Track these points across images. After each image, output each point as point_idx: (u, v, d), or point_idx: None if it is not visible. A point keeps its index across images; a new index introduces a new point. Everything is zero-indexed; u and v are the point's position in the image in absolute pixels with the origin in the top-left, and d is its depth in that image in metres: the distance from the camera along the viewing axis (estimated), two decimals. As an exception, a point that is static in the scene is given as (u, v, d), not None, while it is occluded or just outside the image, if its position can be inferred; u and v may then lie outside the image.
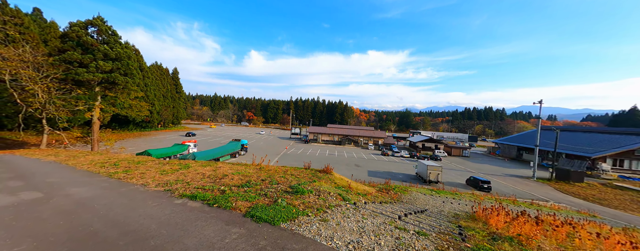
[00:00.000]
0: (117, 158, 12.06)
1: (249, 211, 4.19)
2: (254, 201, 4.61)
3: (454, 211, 7.64)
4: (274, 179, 6.66)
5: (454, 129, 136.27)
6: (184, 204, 4.62)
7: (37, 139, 31.83)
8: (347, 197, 5.44)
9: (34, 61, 22.69)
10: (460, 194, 12.80)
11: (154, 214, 4.08)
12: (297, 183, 6.27)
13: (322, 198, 4.98)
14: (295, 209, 4.30)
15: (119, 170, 8.75)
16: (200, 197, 4.87)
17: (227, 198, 4.84)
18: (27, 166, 10.27)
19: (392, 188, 9.67)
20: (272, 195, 5.13)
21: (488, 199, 12.51)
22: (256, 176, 7.04)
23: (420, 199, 8.77)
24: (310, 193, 5.26)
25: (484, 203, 10.97)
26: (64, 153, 15.54)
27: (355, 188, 7.71)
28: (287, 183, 6.37)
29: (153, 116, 56.64)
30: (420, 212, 5.90)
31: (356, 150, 57.08)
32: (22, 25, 34.44)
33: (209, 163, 10.31)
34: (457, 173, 37.50)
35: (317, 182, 6.56)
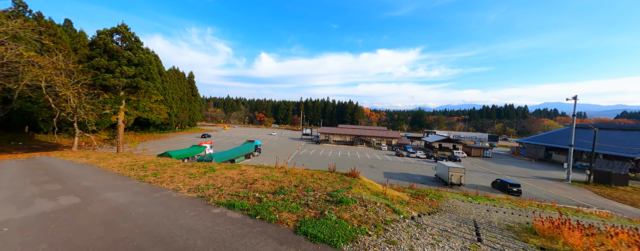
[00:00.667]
0: (144, 160, 12.30)
1: (298, 226, 3.77)
2: (298, 212, 4.22)
3: (503, 222, 6.81)
4: (308, 186, 6.25)
5: (472, 128, 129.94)
6: (223, 214, 4.31)
7: (69, 141, 34.07)
8: (396, 208, 4.89)
9: (66, 68, 24.19)
10: (496, 199, 11.71)
11: (195, 226, 3.79)
12: (333, 190, 5.82)
13: (372, 210, 4.48)
14: (348, 224, 3.80)
15: (148, 173, 8.78)
16: (239, 206, 4.56)
17: (266, 207, 4.49)
18: (63, 168, 10.70)
19: (426, 194, 8.92)
20: (314, 205, 4.71)
21: (530, 206, 11.34)
22: (287, 182, 6.67)
23: (460, 207, 7.98)
24: (354, 203, 4.78)
25: (528, 210, 9.89)
26: (94, 155, 16.24)
27: (391, 195, 7.11)
28: (322, 190, 5.93)
29: (171, 119, 58.98)
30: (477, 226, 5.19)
31: (369, 151, 55.85)
32: (55, 35, 37.09)
33: (233, 166, 10.16)
34: (480, 174, 35.37)
35: (353, 188, 6.06)
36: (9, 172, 10.08)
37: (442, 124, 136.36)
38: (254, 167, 10.24)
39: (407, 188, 14.35)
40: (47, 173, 9.38)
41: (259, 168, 10.12)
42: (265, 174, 8.08)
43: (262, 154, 39.27)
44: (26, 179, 8.40)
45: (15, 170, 10.52)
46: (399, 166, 37.05)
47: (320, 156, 42.28)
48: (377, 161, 40.31)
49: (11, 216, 4.60)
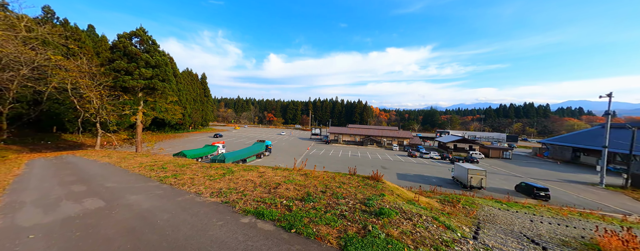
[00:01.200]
0: (163, 161, 12.40)
1: (343, 245, 3.26)
2: (337, 226, 3.76)
3: (555, 235, 5.99)
4: (336, 192, 5.78)
5: (488, 128, 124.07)
6: (253, 225, 3.95)
7: (92, 140, 35.84)
8: (448, 223, 4.30)
9: (89, 71, 25.30)
10: (532, 206, 10.67)
11: (226, 240, 3.43)
12: (365, 198, 5.32)
13: (421, 226, 3.93)
14: (403, 246, 3.15)
15: (168, 174, 8.70)
16: (268, 215, 4.19)
17: (299, 218, 4.07)
18: (87, 168, 10.95)
19: (457, 200, 8.18)
20: (352, 217, 4.21)
21: (571, 214, 10.21)
22: (312, 186, 6.25)
23: (499, 217, 7.19)
24: (395, 215, 4.25)
25: (571, 219, 8.85)
26: (115, 155, 16.72)
27: (424, 202, 6.49)
28: (352, 197, 5.45)
29: (185, 119, 60.77)
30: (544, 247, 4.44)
31: (380, 151, 54.55)
32: (80, 40, 39.13)
33: (251, 168, 9.91)
34: (502, 177, 33.37)
35: (387, 196, 5.52)
36: (39, 171, 10.43)
37: (455, 124, 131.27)
38: (271, 169, 9.94)
39: (429, 192, 13.53)
40: (73, 173, 9.57)
41: (277, 169, 9.79)
42: (286, 178, 7.71)
43: (273, 154, 39.35)
44: (54, 179, 8.57)
45: (44, 169, 10.88)
46: (412, 167, 35.76)
47: (330, 156, 41.74)
48: (389, 162, 39.16)
49: (38, 220, 4.50)
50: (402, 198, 6.16)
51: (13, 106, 29.27)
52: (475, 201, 8.81)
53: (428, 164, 38.96)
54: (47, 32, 21.88)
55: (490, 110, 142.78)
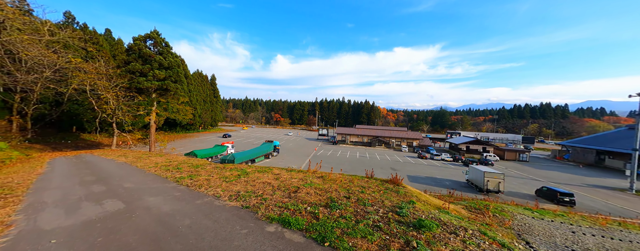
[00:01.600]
0: (177, 161, 12.45)
1: None
2: (375, 240, 3.38)
3: (605, 250, 5.37)
4: (361, 198, 5.41)
5: (501, 129, 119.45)
6: (280, 235, 3.67)
7: (109, 140, 37.15)
8: (501, 239, 3.84)
9: (106, 73, 26.19)
10: (565, 214, 9.84)
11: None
12: (394, 205, 4.93)
13: (471, 242, 3.47)
14: None
15: (183, 175, 8.64)
16: (294, 224, 3.89)
17: (329, 228, 3.74)
18: (105, 167, 11.13)
19: (485, 207, 7.58)
20: (388, 229, 3.81)
21: (610, 224, 9.31)
22: (333, 191, 5.92)
23: (535, 227, 6.58)
24: (437, 227, 3.84)
25: (611, 230, 8.03)
26: (131, 154, 17.07)
27: (452, 210, 6.00)
28: (379, 204, 5.07)
29: (195, 119, 62.09)
30: None
31: (388, 152, 53.48)
32: (98, 43, 40.75)
33: (265, 169, 9.71)
34: (520, 181, 31.78)
35: (417, 203, 5.11)
36: (60, 170, 10.68)
37: (466, 125, 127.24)
38: (286, 171, 9.70)
39: (447, 196, 12.87)
40: (92, 173, 9.70)
41: (291, 171, 9.54)
42: (303, 180, 7.42)
43: (281, 155, 39.34)
44: (74, 178, 8.69)
45: (65, 168, 11.14)
46: (423, 169, 34.69)
47: (338, 157, 41.24)
48: (398, 164, 38.19)
49: (59, 223, 4.42)
50: (431, 205, 5.71)
51: (37, 107, 30.78)
52: (504, 208, 8.17)
53: (440, 166, 37.73)
54: (68, 36, 22.81)
55: (504, 110, 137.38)
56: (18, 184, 7.71)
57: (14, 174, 9.46)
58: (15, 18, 17.17)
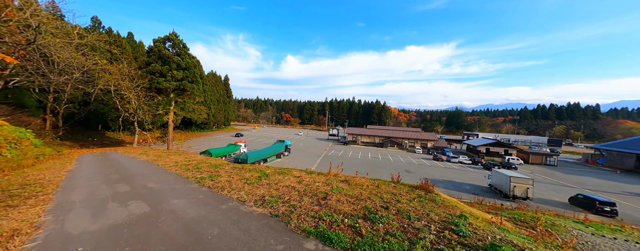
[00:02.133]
0: (196, 160, 12.47)
1: None
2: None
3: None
4: (402, 209, 4.80)
5: (523, 130, 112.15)
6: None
7: (130, 138, 39.01)
8: None
9: (129, 74, 27.37)
10: (619, 228, 8.56)
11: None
12: (443, 219, 4.30)
13: None
14: None
15: (204, 175, 8.49)
16: (336, 240, 3.38)
17: (378, 248, 3.19)
18: (128, 165, 11.34)
19: (532, 219, 6.66)
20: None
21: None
22: (369, 200, 5.35)
23: (599, 245, 5.62)
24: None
25: None
26: (151, 152, 17.54)
27: (496, 221, 5.23)
28: (425, 217, 4.45)
29: (210, 119, 63.86)
30: None
31: (401, 153, 51.71)
32: (121, 46, 42.93)
33: (284, 171, 9.36)
34: (549, 187, 29.33)
35: (469, 218, 4.42)
36: (87, 167, 11.00)
37: (484, 126, 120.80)
38: (306, 173, 9.27)
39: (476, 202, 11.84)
40: (116, 171, 9.85)
41: (312, 174, 9.09)
42: (328, 184, 6.94)
43: (292, 154, 39.21)
44: (100, 177, 8.82)
45: (92, 165, 11.49)
46: (440, 172, 32.98)
47: (349, 157, 40.36)
48: (413, 166, 36.65)
49: (86, 226, 4.25)
50: (482, 220, 4.98)
51: (67, 106, 32.91)
52: (554, 221, 7.17)
53: (458, 170, 35.72)
54: (95, 39, 24.03)
55: (526, 111, 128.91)
56: (49, 181, 7.90)
57: (46, 171, 9.82)
58: (49, 22, 18.23)
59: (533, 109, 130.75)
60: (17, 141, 13.56)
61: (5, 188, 7.00)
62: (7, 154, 11.49)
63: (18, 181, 7.91)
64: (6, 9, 15.59)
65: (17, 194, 6.18)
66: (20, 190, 6.63)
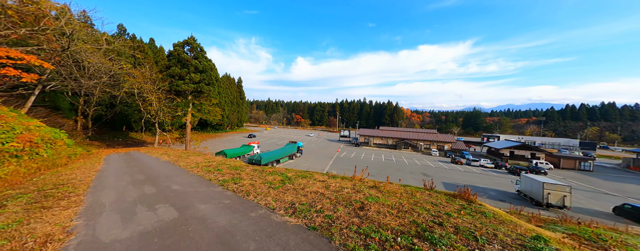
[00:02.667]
0: (215, 161, 12.47)
1: None
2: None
3: None
4: (462, 227, 4.13)
5: (549, 132, 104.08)
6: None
7: (151, 138, 40.85)
8: None
9: (150, 77, 28.63)
10: None
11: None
12: (513, 240, 3.61)
13: None
14: None
15: (226, 178, 8.31)
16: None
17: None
18: (152, 165, 11.54)
19: (599, 237, 5.66)
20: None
21: None
22: (415, 213, 4.72)
23: None
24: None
25: None
26: (172, 152, 17.97)
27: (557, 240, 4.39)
28: (491, 236, 3.76)
29: (224, 120, 65.57)
30: None
31: (417, 156, 49.66)
32: (144, 51, 45.30)
33: (306, 174, 8.97)
34: (586, 194, 26.62)
35: (550, 242, 3.67)
36: (114, 167, 11.31)
37: (506, 127, 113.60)
38: (329, 176, 8.80)
39: (514, 212, 10.67)
40: (141, 171, 9.98)
41: (336, 178, 8.59)
42: (357, 191, 6.42)
43: (304, 155, 38.93)
44: (127, 177, 8.93)
45: (118, 165, 11.82)
46: (459, 176, 31.04)
47: (362, 159, 39.29)
48: (430, 169, 34.88)
49: (117, 234, 4.07)
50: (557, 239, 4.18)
51: (96, 109, 35.13)
52: (627, 239, 6.08)
53: (479, 174, 33.47)
54: (121, 45, 25.36)
55: (553, 111, 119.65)
56: (80, 181, 8.08)
57: (77, 171, 10.18)
58: (81, 30, 19.41)
59: (561, 109, 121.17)
60: (52, 141, 14.37)
61: (41, 187, 7.20)
62: (43, 153, 12.12)
63: (52, 180, 8.18)
64: (44, 19, 16.72)
65: (51, 195, 6.28)
66: (54, 190, 6.76)
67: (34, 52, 17.61)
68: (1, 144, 9.78)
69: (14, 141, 10.41)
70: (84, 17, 24.83)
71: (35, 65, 16.72)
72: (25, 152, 10.89)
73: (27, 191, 6.57)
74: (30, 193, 6.43)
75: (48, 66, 17.78)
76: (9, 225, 4.14)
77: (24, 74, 16.56)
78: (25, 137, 11.14)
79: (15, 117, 12.64)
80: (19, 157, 10.24)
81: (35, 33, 16.85)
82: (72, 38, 18.25)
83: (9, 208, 5.07)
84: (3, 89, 19.24)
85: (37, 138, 12.16)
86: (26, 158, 10.69)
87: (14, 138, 10.46)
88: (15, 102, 21.02)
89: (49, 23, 16.97)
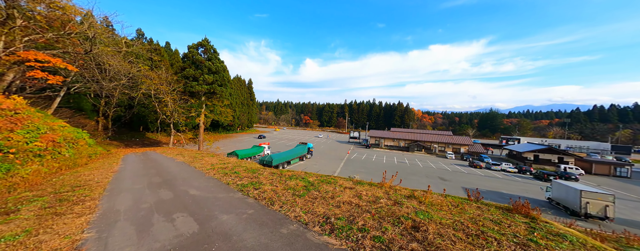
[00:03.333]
0: (230, 163, 12.01)
1: None
2: None
3: None
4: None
5: (575, 135, 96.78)
6: None
7: (166, 139, 41.86)
8: None
9: (166, 79, 29.20)
10: None
11: None
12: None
13: None
14: None
15: (244, 182, 7.73)
16: None
17: None
18: (167, 166, 11.27)
19: None
20: None
21: None
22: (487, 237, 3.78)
23: None
24: None
25: None
26: (186, 153, 17.87)
27: None
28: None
29: (234, 121, 66.42)
30: None
31: (431, 159, 47.48)
32: (160, 54, 46.80)
33: (329, 180, 8.20)
34: (629, 204, 23.86)
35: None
36: (131, 168, 11.13)
37: (525, 129, 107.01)
38: (354, 182, 7.98)
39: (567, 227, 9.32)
40: (158, 173, 9.67)
41: (363, 184, 7.76)
42: (396, 202, 5.57)
43: (314, 157, 38.19)
44: (143, 179, 8.59)
45: (135, 166, 11.66)
46: (480, 181, 28.91)
47: (374, 161, 37.87)
48: (447, 173, 32.91)
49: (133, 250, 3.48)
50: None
51: (115, 110, 36.46)
52: None
53: (501, 179, 31.08)
54: (139, 48, 26.02)
55: (578, 113, 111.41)
56: (97, 183, 7.81)
57: (95, 171, 10.04)
58: (102, 33, 19.97)
59: (587, 110, 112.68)
60: (74, 141, 14.58)
61: (58, 189, 6.95)
62: (65, 153, 12.20)
63: (71, 181, 7.96)
64: (69, 23, 17.29)
65: (67, 198, 5.94)
66: (70, 193, 6.45)
67: (60, 55, 18.23)
68: (26, 143, 9.79)
69: (38, 140, 10.45)
70: (106, 22, 25.75)
71: (61, 68, 17.26)
72: (48, 151, 10.93)
73: (43, 194, 6.30)
74: (47, 195, 6.14)
75: (72, 69, 18.33)
76: (17, 236, 3.72)
77: (50, 77, 17.12)
78: (49, 137, 11.21)
79: (41, 118, 12.87)
80: (42, 156, 10.26)
81: (61, 37, 17.44)
82: (94, 41, 18.77)
83: (21, 214, 4.72)
84: (32, 92, 20.12)
85: (59, 138, 12.27)
86: (49, 157, 10.71)
87: (38, 137, 10.51)
88: (43, 104, 21.97)
89: (73, 28, 17.55)
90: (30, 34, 16.05)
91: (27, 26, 15.78)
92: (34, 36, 16.14)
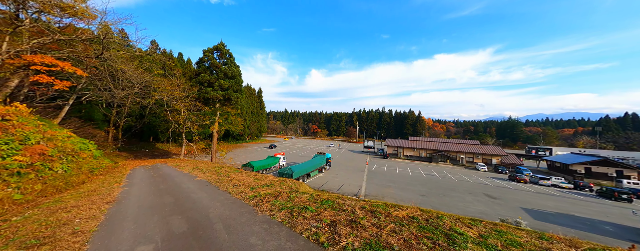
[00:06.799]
0: (278, 185, 9.06)
1: None
2: None
3: None
4: None
5: (607, 144, 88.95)
6: None
7: (177, 149, 39.90)
8: None
9: (179, 86, 27.63)
10: None
11: None
12: None
13: None
14: None
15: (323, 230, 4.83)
16: None
17: None
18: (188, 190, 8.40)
19: None
20: None
21: None
22: None
23: None
24: None
25: None
26: (203, 167, 15.25)
27: None
28: None
29: (245, 130, 64.54)
30: None
31: (460, 171, 42.90)
32: (173, 63, 46.51)
33: (372, 204, 5.22)
34: None
35: None
36: (137, 194, 8.45)
37: (551, 138, 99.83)
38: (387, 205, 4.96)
39: None
40: (176, 205, 6.91)
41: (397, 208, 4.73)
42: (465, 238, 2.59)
43: (333, 169, 34.74)
44: (152, 222, 5.82)
45: (142, 190, 9.00)
46: (536, 199, 24.22)
47: (398, 174, 33.83)
48: (489, 188, 28.46)
49: None
50: None
51: (126, 120, 35.08)
52: None
53: (559, 197, 26.20)
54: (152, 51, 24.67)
55: (608, 120, 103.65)
56: (73, 234, 5.12)
57: (85, 200, 7.37)
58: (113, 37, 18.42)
59: (618, 117, 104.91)
60: (75, 153, 12.26)
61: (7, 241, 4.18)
62: (58, 168, 9.75)
63: (37, 224, 5.00)
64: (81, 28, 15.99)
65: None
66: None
67: (68, 58, 16.74)
68: (0, 158, 7.35)
69: (20, 153, 8.02)
70: (121, 34, 24.82)
71: (70, 72, 15.60)
72: (34, 168, 8.49)
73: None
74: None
75: (81, 73, 16.71)
76: None
77: (57, 81, 15.40)
78: (37, 149, 8.80)
79: (34, 127, 10.66)
80: (21, 175, 7.76)
81: (71, 41, 16.02)
82: (105, 44, 17.29)
83: None
84: (40, 100, 18.51)
85: (52, 150, 9.89)
86: (33, 176, 8.23)
87: (19, 150, 8.10)
88: (53, 113, 20.37)
89: (85, 31, 16.22)
90: (38, 37, 14.62)
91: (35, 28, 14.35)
92: (42, 38, 14.68)
